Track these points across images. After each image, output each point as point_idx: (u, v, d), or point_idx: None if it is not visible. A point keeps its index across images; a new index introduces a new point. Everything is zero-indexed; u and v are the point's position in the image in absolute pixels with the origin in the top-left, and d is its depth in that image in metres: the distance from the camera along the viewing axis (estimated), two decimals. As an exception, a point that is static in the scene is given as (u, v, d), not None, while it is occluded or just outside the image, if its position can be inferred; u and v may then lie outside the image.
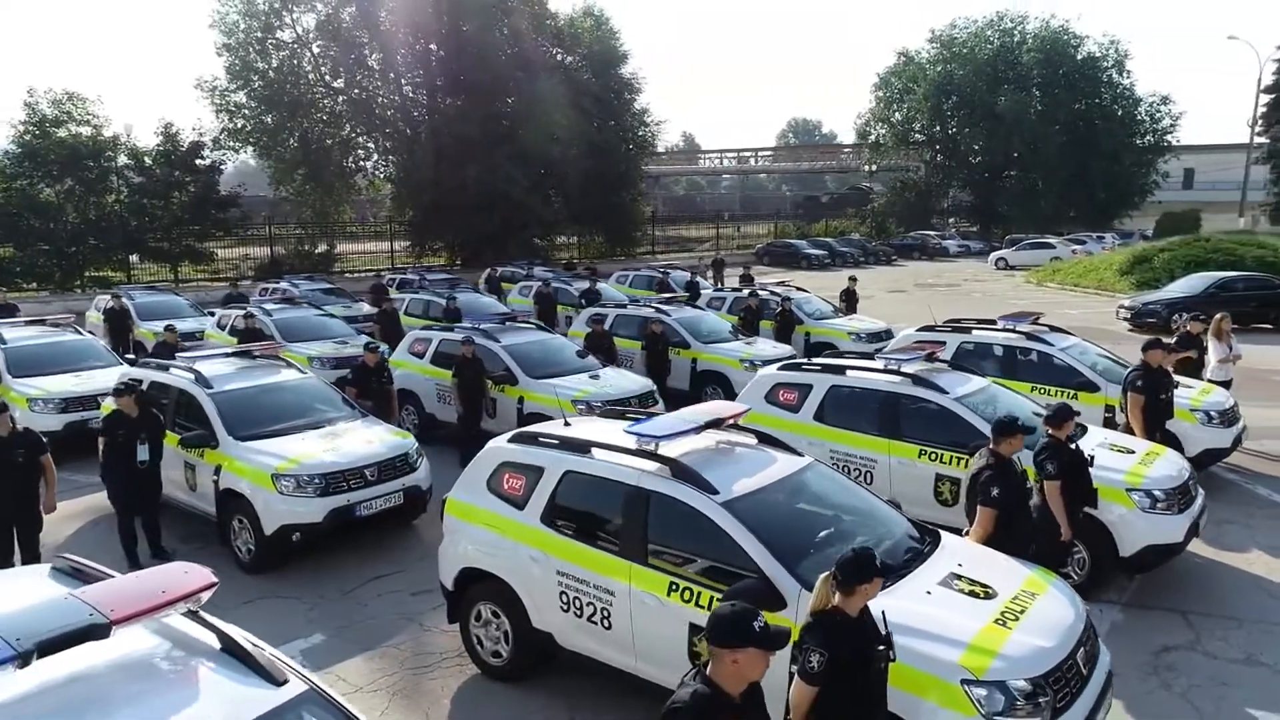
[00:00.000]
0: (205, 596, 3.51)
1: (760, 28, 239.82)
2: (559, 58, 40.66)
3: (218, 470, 8.58)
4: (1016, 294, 32.54)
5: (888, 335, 17.39)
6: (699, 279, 24.42)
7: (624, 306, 16.31)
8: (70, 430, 11.82)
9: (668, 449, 5.82)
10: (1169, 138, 58.63)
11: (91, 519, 9.99)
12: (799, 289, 18.90)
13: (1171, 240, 32.44)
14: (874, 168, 66.18)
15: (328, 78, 38.05)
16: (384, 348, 12.75)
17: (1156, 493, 7.42)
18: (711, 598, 5.18)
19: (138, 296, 19.88)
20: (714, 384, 14.35)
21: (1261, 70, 46.54)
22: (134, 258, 31.53)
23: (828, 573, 3.90)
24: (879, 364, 9.08)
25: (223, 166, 34.30)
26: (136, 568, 8.46)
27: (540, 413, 11.41)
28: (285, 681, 3.34)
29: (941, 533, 5.85)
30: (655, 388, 12.26)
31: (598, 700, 6.09)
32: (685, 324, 15.06)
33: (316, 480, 8.21)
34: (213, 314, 20.21)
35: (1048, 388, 10.93)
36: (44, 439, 7.90)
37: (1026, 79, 57.30)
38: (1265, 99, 38.78)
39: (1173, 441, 9.34)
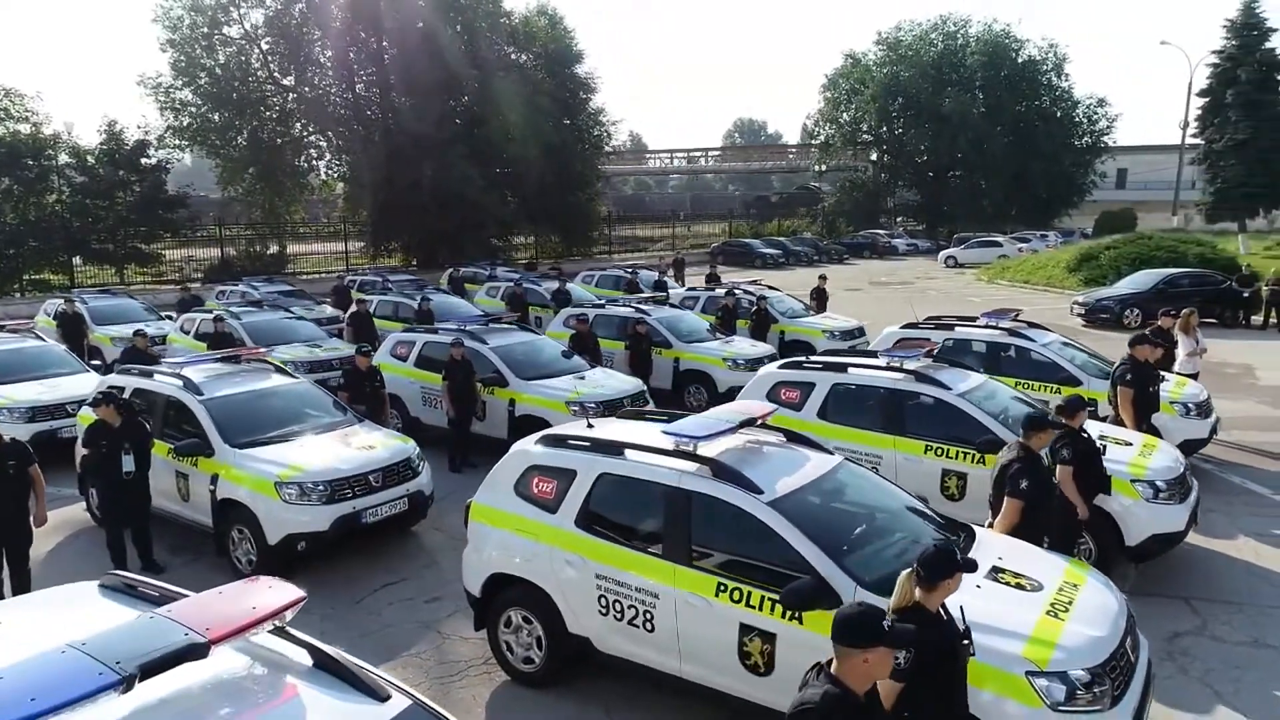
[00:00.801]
0: (292, 613, 3.39)
1: (703, 29, 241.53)
2: (514, 56, 40.35)
3: (214, 479, 8.31)
4: (970, 291, 33.27)
5: (860, 333, 17.64)
6: (666, 279, 24.43)
7: (602, 306, 16.24)
8: (39, 440, 11.29)
9: (705, 449, 5.81)
10: (1106, 139, 60.61)
11: (70, 532, 9.62)
12: (771, 288, 19.04)
13: (1116, 238, 33.47)
14: (823, 168, 67.04)
15: (277, 75, 37.16)
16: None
17: (1159, 483, 7.65)
18: (763, 597, 5.19)
19: (91, 300, 19.16)
20: (697, 383, 14.39)
21: (1193, 74, 48.50)
22: (76, 260, 30.38)
23: (909, 569, 3.92)
24: (881, 361, 9.19)
25: (169, 166, 33.20)
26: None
27: (533, 415, 11.33)
28: (388, 697, 3.24)
29: (973, 527, 5.95)
30: (645, 388, 12.24)
31: (633, 702, 6.06)
32: (665, 324, 15.07)
33: (321, 487, 8.01)
34: (171, 318, 19.69)
35: (1031, 383, 11.18)
36: (30, 449, 7.57)
37: (970, 81, 58.67)
38: (1199, 102, 40.26)
39: (1154, 433, 9.64)
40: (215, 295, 22.55)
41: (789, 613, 5.06)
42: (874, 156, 65.05)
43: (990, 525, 6.26)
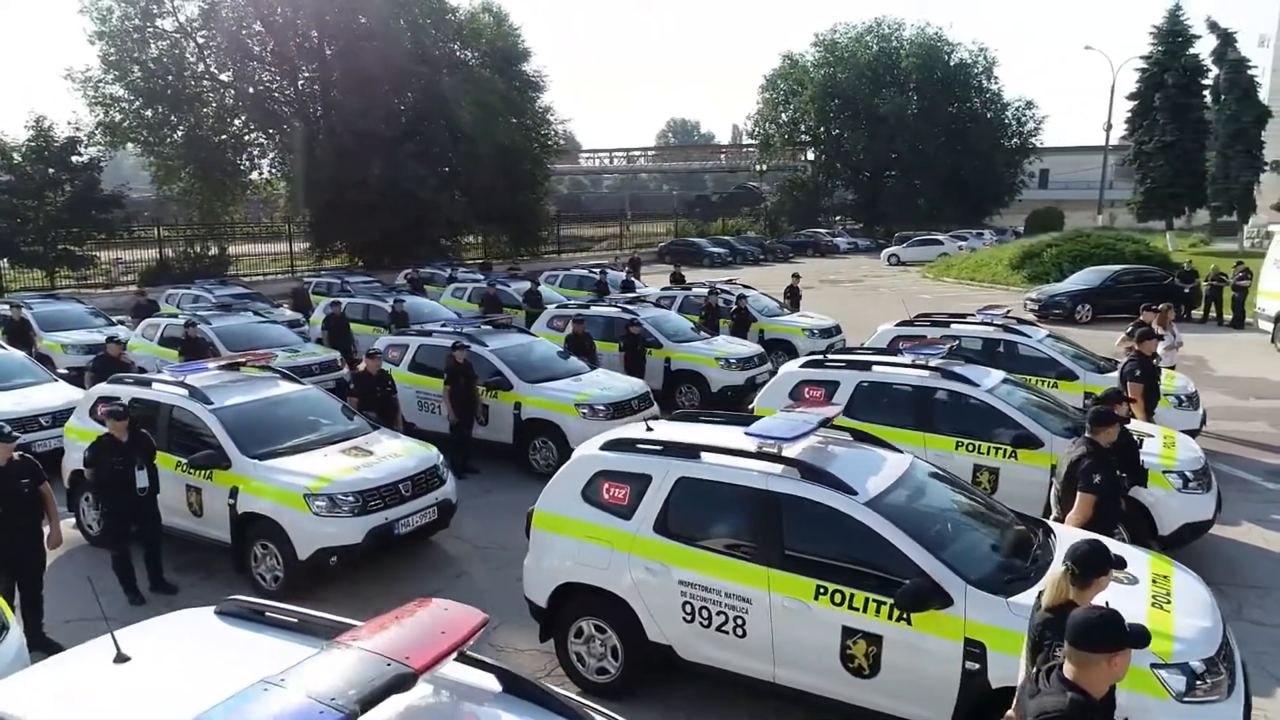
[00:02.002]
0: (476, 637, 3.21)
1: (633, 30, 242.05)
2: (460, 54, 39.69)
3: (233, 493, 7.91)
4: (919, 288, 34.02)
5: (837, 331, 17.84)
6: (633, 279, 24.31)
7: (587, 306, 16.05)
8: (11, 456, 10.65)
9: (788, 451, 5.75)
10: (1034, 140, 62.70)
11: (62, 552, 9.02)
12: (746, 286, 19.10)
13: (1056, 236, 34.61)
14: (764, 167, 67.79)
15: (214, 70, 35.80)
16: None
17: (1188, 473, 7.89)
18: (866, 599, 5.15)
19: (36, 305, 18.13)
20: (689, 383, 14.32)
21: (1115, 78, 50.48)
22: (3, 263, 28.73)
23: (1064, 567, 3.91)
24: (906, 359, 9.27)
25: (102, 164, 31.63)
26: (139, 602, 7.75)
27: (540, 418, 11.13)
28: (587, 720, 3.09)
29: (1048, 522, 6.02)
30: (649, 389, 12.12)
31: (712, 706, 5.97)
32: (652, 324, 14.97)
33: (352, 498, 7.69)
34: (122, 323, 18.78)
35: (1029, 378, 11.40)
36: (40, 466, 7.09)
37: (905, 83, 60.02)
38: (1128, 106, 42.03)
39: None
40: (164, 299, 21.58)
41: (896, 614, 5.03)
42: (811, 156, 66.08)
43: (1055, 519, 6.35)
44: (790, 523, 5.51)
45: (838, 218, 67.75)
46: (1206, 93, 38.48)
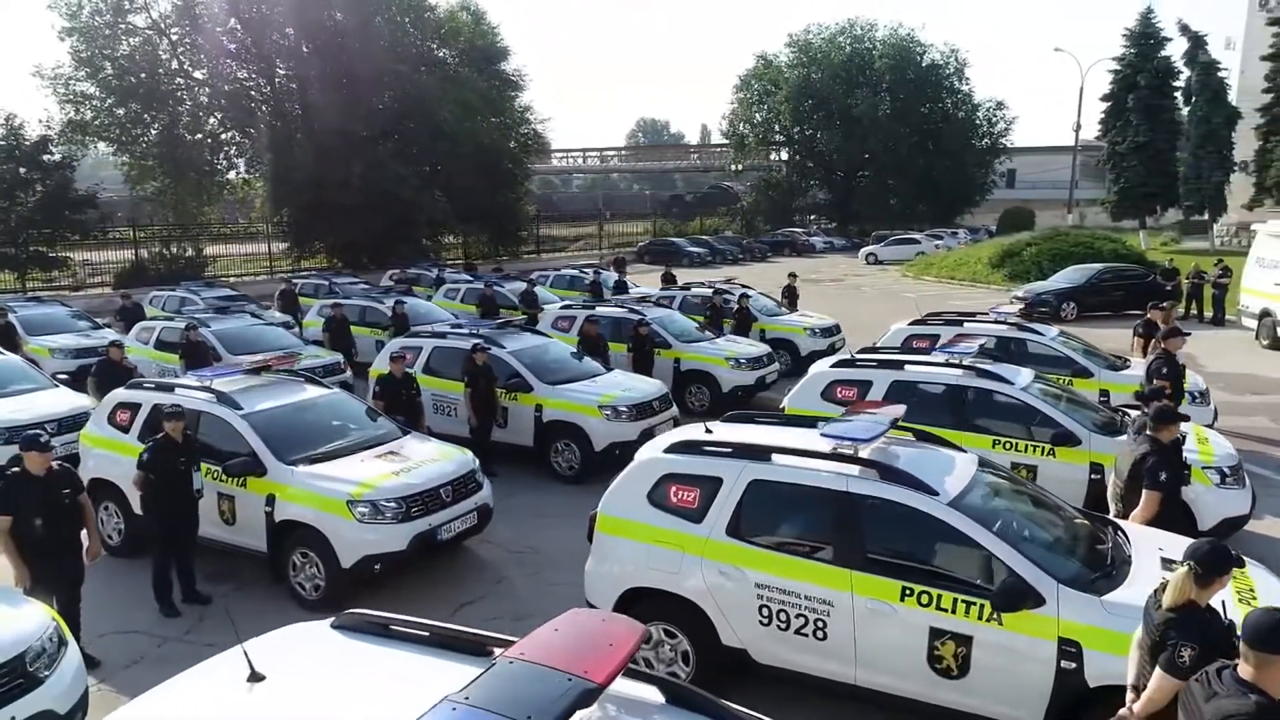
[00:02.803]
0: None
1: (604, 29, 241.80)
2: (439, 53, 39.29)
3: (270, 500, 7.71)
4: (902, 287, 34.30)
5: (837, 330, 17.91)
6: (625, 279, 24.21)
7: (593, 307, 15.94)
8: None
9: (864, 451, 5.72)
10: (1004, 140, 63.57)
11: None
12: (744, 286, 19.10)
13: (1035, 235, 35.08)
14: (739, 167, 68.00)
15: (188, 67, 35.09)
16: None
17: (1225, 469, 8.00)
18: (955, 600, 5.13)
19: (20, 309, 17.61)
20: (699, 384, 14.27)
21: (1084, 78, 51.42)
22: (-26, 265, 27.99)
23: (1186, 567, 3.92)
24: (939, 358, 9.30)
25: (74, 163, 30.85)
26: (173, 614, 7.56)
27: (563, 420, 11.02)
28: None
29: (1114, 519, 6.06)
30: (667, 390, 12.05)
31: (789, 707, 5.91)
32: (660, 324, 14.90)
33: (395, 504, 7.53)
34: (108, 325, 18.33)
35: (1045, 375, 11.53)
36: (78, 475, 6.87)
37: (879, 83, 60.50)
38: (1102, 107, 42.81)
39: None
40: (149, 302, 21.10)
41: (987, 614, 5.02)
42: (785, 156, 66.40)
43: (1115, 515, 6.40)
44: (871, 524, 5.48)
45: (812, 217, 68.17)
46: (1178, 94, 39.31)
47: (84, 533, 6.74)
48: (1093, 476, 8.22)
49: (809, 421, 6.87)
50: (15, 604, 5.43)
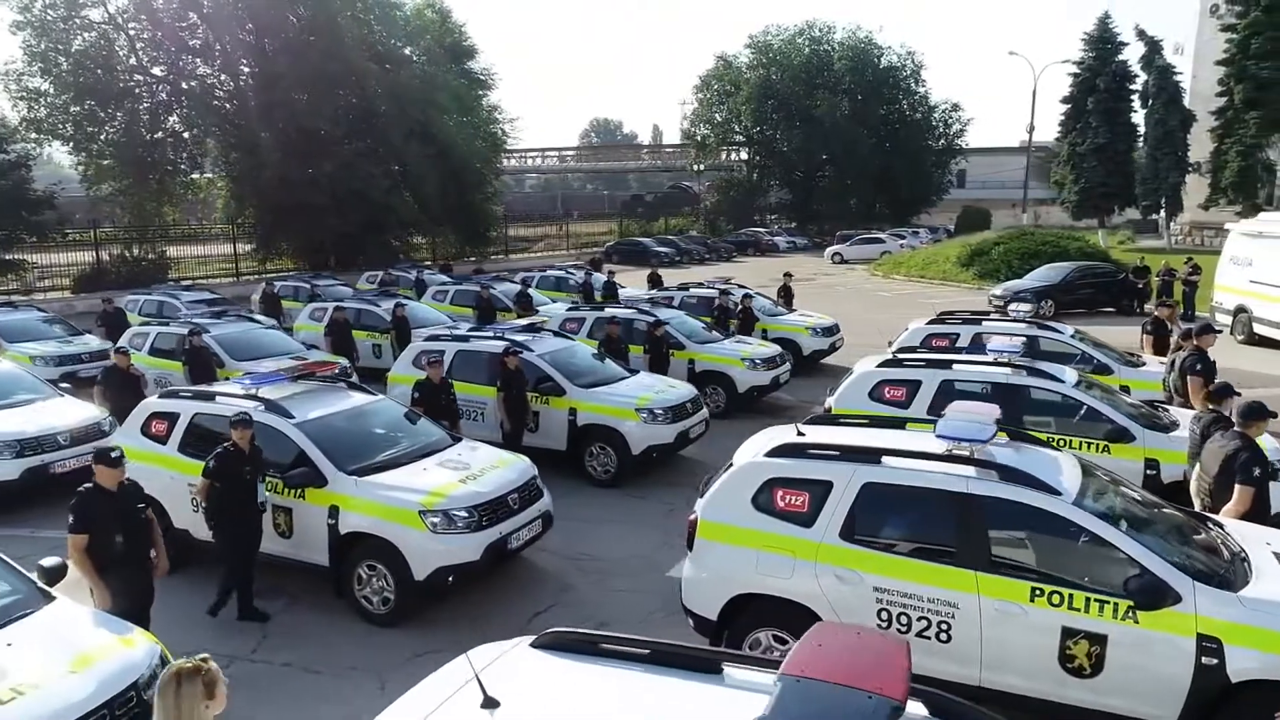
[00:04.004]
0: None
1: (555, 29, 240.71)
2: (406, 51, 38.64)
3: (333, 512, 7.45)
4: (874, 286, 34.75)
5: (836, 329, 18.04)
6: (614, 280, 24.07)
7: (601, 309, 15.79)
8: (32, 478, 9.88)
9: (978, 453, 5.72)
10: (959, 141, 64.85)
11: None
12: (743, 286, 19.12)
13: (1003, 234, 35.78)
14: (700, 167, 68.23)
15: (147, 64, 33.95)
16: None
17: (1276, 463, 8.17)
18: (1087, 599, 5.16)
19: (-1, 316, 16.87)
20: (714, 384, 14.20)
21: (1037, 81, 52.73)
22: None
23: None
24: (989, 356, 9.39)
25: (31, 162, 29.63)
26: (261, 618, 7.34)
27: (599, 424, 10.88)
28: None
29: (1216, 516, 6.16)
30: (697, 393, 11.98)
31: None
32: (673, 325, 14.82)
33: (466, 513, 7.33)
34: (88, 332, 17.65)
35: (1068, 372, 11.74)
36: (143, 490, 6.55)
37: (838, 85, 61.25)
38: (1063, 108, 43.91)
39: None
40: (125, 305, 20.32)
41: (1122, 613, 5.05)
42: (745, 156, 66.85)
43: (1204, 510, 6.51)
44: (995, 525, 5.48)
45: (773, 216, 68.74)
46: (1135, 97, 40.50)
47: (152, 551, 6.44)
48: (1148, 472, 8.37)
49: (897, 423, 6.87)
50: (119, 630, 5.15)
